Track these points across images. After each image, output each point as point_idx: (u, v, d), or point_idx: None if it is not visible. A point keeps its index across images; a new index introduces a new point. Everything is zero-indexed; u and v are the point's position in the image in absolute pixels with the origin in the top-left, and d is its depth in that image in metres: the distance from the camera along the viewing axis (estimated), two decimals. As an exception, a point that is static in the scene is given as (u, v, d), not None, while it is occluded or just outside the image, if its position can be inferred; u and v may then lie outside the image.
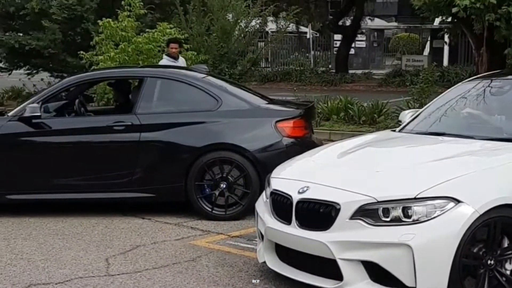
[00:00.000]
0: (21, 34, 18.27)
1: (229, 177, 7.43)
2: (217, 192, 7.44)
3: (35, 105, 7.63)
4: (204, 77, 8.18)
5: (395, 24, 44.43)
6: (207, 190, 7.48)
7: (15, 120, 7.66)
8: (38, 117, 7.58)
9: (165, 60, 11.59)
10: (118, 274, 5.68)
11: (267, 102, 8.18)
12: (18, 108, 7.88)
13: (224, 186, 7.42)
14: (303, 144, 7.50)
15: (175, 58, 11.60)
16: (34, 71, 19.76)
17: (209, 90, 7.77)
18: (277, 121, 7.55)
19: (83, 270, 5.78)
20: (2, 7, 18.52)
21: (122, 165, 7.54)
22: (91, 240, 6.70)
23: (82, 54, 14.16)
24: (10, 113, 7.87)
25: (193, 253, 6.28)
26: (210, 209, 7.45)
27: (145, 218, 7.54)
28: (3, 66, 19.85)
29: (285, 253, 5.17)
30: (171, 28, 14.15)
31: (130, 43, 13.55)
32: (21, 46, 17.63)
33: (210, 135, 7.50)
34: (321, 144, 8.14)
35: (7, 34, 18.31)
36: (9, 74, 20.41)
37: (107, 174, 7.57)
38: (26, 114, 7.57)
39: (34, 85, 18.76)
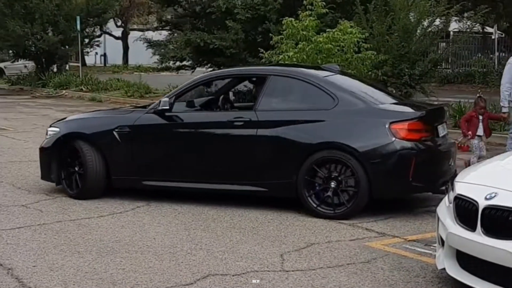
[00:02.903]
0: (205, 33, 18.98)
1: (338, 176, 7.40)
2: (326, 191, 7.43)
3: (166, 99, 8.20)
4: (326, 76, 8.15)
5: None
6: (317, 188, 7.49)
7: (151, 112, 8.28)
8: (168, 110, 8.13)
9: None
10: (292, 271, 5.69)
11: (392, 103, 8.05)
12: (157, 102, 8.42)
13: (334, 185, 7.39)
14: (421, 148, 7.42)
15: None
16: (216, 69, 20.47)
17: (327, 89, 7.76)
18: (391, 122, 7.37)
19: (258, 264, 5.85)
20: (189, 6, 19.34)
21: (239, 159, 7.85)
22: (266, 235, 6.77)
23: (262, 52, 14.42)
24: (150, 106, 8.49)
25: (368, 254, 6.16)
26: (316, 206, 7.46)
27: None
28: (187, 64, 20.73)
29: (466, 261, 4.93)
30: (351, 27, 14.04)
31: (309, 42, 13.61)
32: (206, 45, 18.31)
33: (322, 133, 7.54)
34: (450, 149, 7.84)
35: (194, 33, 19.08)
36: (192, 72, 21.29)
37: (224, 166, 7.93)
38: (159, 107, 8.17)
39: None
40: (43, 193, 8.63)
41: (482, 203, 4.75)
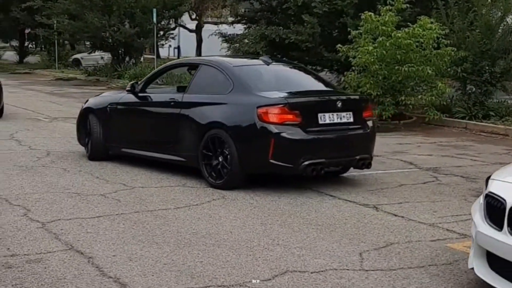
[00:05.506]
0: (281, 28, 18.90)
1: (221, 151, 8.54)
2: (213, 163, 8.62)
3: (132, 82, 10.42)
4: (236, 66, 9.22)
5: None
6: (209, 160, 8.66)
7: (128, 93, 10.14)
8: (133, 91, 10.03)
9: None
10: (372, 270, 5.57)
11: (312, 91, 9.20)
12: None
13: (220, 159, 8.55)
14: (282, 131, 8.17)
15: None
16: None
17: (229, 76, 8.89)
18: (257, 107, 8.29)
19: (337, 262, 5.75)
20: (266, 1, 19.28)
21: (169, 133, 9.30)
22: (344, 233, 6.66)
23: (340, 47, 14.26)
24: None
25: (449, 256, 5.98)
26: (207, 176, 8.69)
27: (397, 215, 7.37)
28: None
29: (496, 261, 4.68)
30: (431, 23, 13.75)
31: (388, 38, 13.40)
32: (281, 40, 18.22)
33: (214, 114, 8.73)
34: (338, 137, 8.32)
35: (269, 27, 19.02)
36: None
37: (161, 138, 9.48)
38: (127, 88, 10.22)
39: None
40: (121, 183, 8.74)
41: (510, 202, 4.53)
